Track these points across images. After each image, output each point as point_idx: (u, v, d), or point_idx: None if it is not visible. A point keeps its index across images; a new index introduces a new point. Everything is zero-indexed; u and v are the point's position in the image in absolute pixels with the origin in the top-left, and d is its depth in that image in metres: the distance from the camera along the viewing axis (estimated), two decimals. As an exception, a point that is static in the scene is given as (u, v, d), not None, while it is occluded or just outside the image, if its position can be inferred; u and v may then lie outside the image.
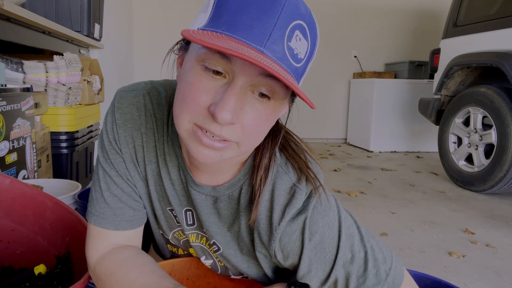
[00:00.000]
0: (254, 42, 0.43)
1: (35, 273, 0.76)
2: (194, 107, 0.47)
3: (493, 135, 2.40)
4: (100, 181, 0.64)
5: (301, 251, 0.57)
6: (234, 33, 0.44)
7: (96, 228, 0.64)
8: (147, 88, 0.65)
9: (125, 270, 0.59)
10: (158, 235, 0.76)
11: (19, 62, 1.59)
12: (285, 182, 0.58)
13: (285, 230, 0.56)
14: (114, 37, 3.22)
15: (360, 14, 4.54)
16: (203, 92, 0.47)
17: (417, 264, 1.45)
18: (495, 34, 2.46)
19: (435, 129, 3.28)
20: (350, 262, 0.57)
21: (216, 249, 0.68)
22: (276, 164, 0.59)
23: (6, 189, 0.80)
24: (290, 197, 0.57)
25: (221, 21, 0.44)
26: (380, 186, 2.61)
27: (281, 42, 0.44)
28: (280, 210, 0.57)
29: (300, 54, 0.47)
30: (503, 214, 2.10)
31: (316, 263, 0.57)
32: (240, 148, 0.51)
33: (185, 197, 0.65)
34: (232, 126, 0.48)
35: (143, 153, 0.64)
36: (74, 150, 1.81)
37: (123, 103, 0.63)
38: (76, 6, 2.06)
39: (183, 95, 0.49)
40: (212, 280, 0.84)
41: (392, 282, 0.58)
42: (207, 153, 0.50)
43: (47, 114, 1.67)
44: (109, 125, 0.63)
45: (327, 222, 0.57)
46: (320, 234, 0.56)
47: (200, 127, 0.48)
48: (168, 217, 0.69)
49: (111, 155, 0.64)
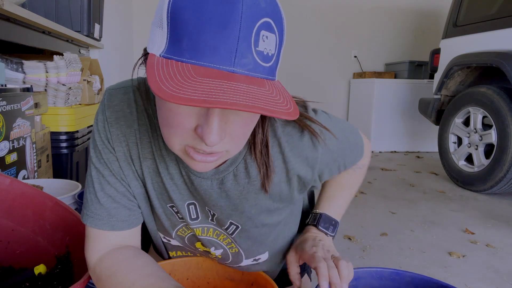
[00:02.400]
0: (223, 63, 0.42)
1: (35, 273, 0.76)
2: (181, 132, 0.48)
3: (493, 135, 2.40)
4: (93, 182, 0.64)
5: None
6: (200, 59, 0.42)
7: (93, 229, 0.64)
8: (136, 84, 0.64)
9: (125, 270, 0.59)
10: (158, 239, 0.76)
11: (19, 62, 1.59)
12: (291, 135, 0.62)
13: (321, 161, 0.65)
14: (114, 37, 3.22)
15: (360, 14, 4.53)
16: (185, 117, 0.47)
17: (417, 264, 1.45)
18: (495, 34, 2.46)
19: (435, 129, 3.28)
20: (349, 156, 0.73)
21: (234, 229, 0.68)
22: (273, 128, 0.62)
23: (6, 189, 0.80)
24: (307, 142, 0.63)
25: (183, 46, 0.42)
26: (380, 186, 2.61)
27: (249, 53, 0.42)
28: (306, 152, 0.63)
29: (270, 51, 0.45)
30: (503, 214, 2.10)
31: (333, 165, 0.69)
32: (231, 153, 0.53)
33: (186, 190, 0.65)
34: (222, 141, 0.48)
35: (138, 150, 0.63)
36: (74, 150, 1.81)
37: (113, 100, 0.63)
38: (76, 6, 2.06)
39: (167, 121, 0.49)
40: (212, 280, 0.84)
41: (361, 151, 0.77)
42: (202, 166, 0.52)
43: (47, 114, 1.67)
44: (101, 124, 0.63)
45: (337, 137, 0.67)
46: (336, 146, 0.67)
47: (191, 147, 0.50)
48: (170, 214, 0.69)
49: (104, 155, 0.63)
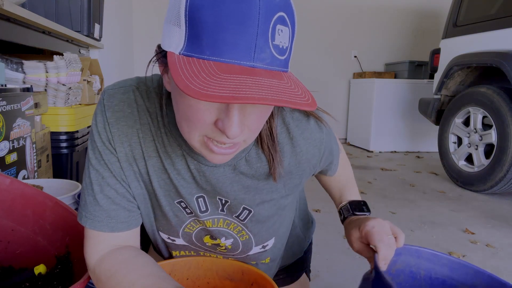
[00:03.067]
0: (243, 59, 0.43)
1: (35, 273, 0.76)
2: (201, 126, 0.50)
3: (493, 135, 2.40)
4: (92, 183, 0.63)
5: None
6: (220, 55, 0.43)
7: (92, 231, 0.63)
8: (134, 83, 0.64)
9: (125, 271, 0.59)
10: (157, 239, 0.76)
11: (19, 62, 1.59)
12: (296, 121, 0.66)
13: (326, 145, 0.70)
14: (114, 37, 3.22)
15: (360, 14, 4.54)
16: (205, 112, 0.48)
17: (417, 264, 1.45)
18: (495, 34, 2.46)
19: (435, 129, 3.28)
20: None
21: (246, 214, 0.69)
22: (282, 115, 0.65)
23: (6, 189, 0.80)
24: (313, 127, 0.67)
25: (203, 44, 0.43)
26: (380, 186, 2.61)
27: (267, 47, 0.44)
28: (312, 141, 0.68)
29: (285, 44, 0.47)
30: (503, 214, 2.10)
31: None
32: (247, 143, 0.55)
33: (194, 184, 0.66)
34: (242, 133, 0.50)
35: (141, 150, 0.63)
36: (74, 150, 1.81)
37: (113, 101, 0.63)
38: (76, 6, 2.06)
39: (187, 116, 0.50)
40: (212, 280, 0.84)
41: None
42: (220, 158, 0.54)
43: (47, 114, 1.67)
44: (100, 125, 0.62)
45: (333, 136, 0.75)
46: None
47: (210, 139, 0.51)
48: (177, 211, 0.69)
49: (105, 156, 0.63)
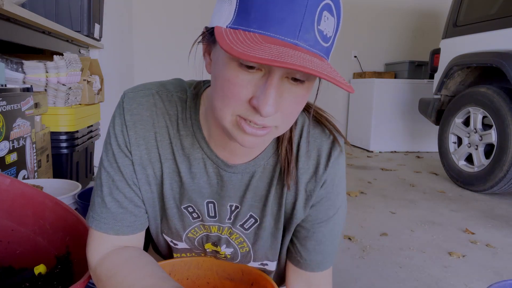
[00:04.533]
0: (288, 35, 0.44)
1: (35, 273, 0.76)
2: (235, 102, 0.49)
3: (493, 135, 2.40)
4: (102, 185, 0.64)
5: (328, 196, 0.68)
6: (267, 29, 0.44)
7: (97, 232, 0.64)
8: (155, 87, 0.65)
9: (126, 271, 0.59)
10: (161, 241, 0.76)
11: (19, 62, 1.59)
12: (318, 140, 0.65)
13: (327, 178, 0.66)
14: (114, 37, 3.22)
15: (360, 14, 4.53)
16: (242, 87, 0.48)
17: (417, 264, 1.45)
18: (495, 34, 2.46)
19: (435, 129, 3.28)
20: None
21: (252, 223, 0.69)
22: (306, 131, 0.65)
23: (6, 189, 0.80)
24: (327, 153, 0.65)
25: (251, 18, 0.45)
26: (380, 186, 2.61)
27: (312, 29, 0.45)
28: (321, 165, 0.65)
29: (329, 33, 0.48)
30: (503, 214, 2.10)
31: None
32: (279, 130, 0.54)
33: (209, 188, 0.66)
34: (275, 113, 0.50)
35: (158, 153, 0.64)
36: (74, 150, 1.81)
37: (132, 104, 0.63)
38: (76, 6, 2.06)
39: (223, 91, 0.50)
40: (212, 280, 0.84)
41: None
42: (252, 140, 0.52)
43: (47, 114, 1.67)
44: (118, 128, 0.63)
45: (343, 173, 0.70)
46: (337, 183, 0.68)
47: (243, 118, 0.50)
48: (183, 215, 0.69)
49: (119, 159, 0.63)
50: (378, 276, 1.35)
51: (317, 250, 0.70)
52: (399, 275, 1.36)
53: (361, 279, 1.32)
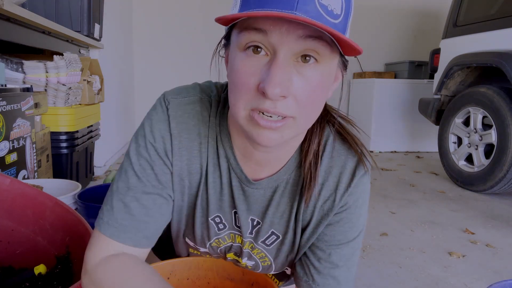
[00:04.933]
0: (285, 8, 0.43)
1: (35, 273, 0.76)
2: (245, 91, 0.49)
3: (493, 135, 2.40)
4: (129, 189, 0.59)
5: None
6: (263, 6, 0.44)
7: (108, 239, 0.58)
8: (198, 93, 0.63)
9: (122, 278, 0.56)
10: (181, 242, 0.75)
11: (19, 62, 1.59)
12: (342, 162, 0.63)
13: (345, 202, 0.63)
14: (114, 37, 3.21)
15: (360, 14, 4.53)
16: (249, 74, 0.48)
17: (417, 264, 1.45)
18: (495, 34, 2.46)
19: (435, 129, 3.28)
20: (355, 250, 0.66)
21: (273, 239, 0.68)
22: (330, 145, 0.63)
23: (6, 189, 0.80)
24: (349, 176, 0.62)
25: (251, 2, 0.46)
26: (380, 186, 2.61)
27: (311, 1, 0.44)
28: (341, 189, 0.62)
29: (336, 10, 0.46)
30: (503, 214, 2.10)
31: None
32: (297, 123, 0.51)
33: (233, 200, 0.65)
34: (285, 100, 0.48)
35: (200, 163, 0.62)
36: (74, 150, 1.81)
37: (177, 111, 0.60)
38: (76, 6, 2.06)
39: (234, 83, 0.51)
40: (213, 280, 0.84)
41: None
42: (268, 136, 0.50)
43: (47, 114, 1.67)
44: (159, 133, 0.60)
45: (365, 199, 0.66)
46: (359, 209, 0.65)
47: (256, 111, 0.49)
48: (210, 226, 0.68)
49: (157, 166, 0.60)
50: (378, 276, 1.35)
51: (331, 274, 0.65)
52: (399, 275, 1.36)
53: (361, 279, 1.32)
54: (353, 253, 0.66)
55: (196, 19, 4.26)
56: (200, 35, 4.25)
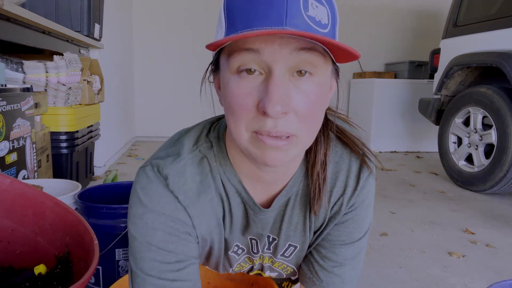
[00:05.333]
0: (275, 24, 0.43)
1: (35, 273, 0.76)
2: (244, 114, 0.48)
3: (493, 135, 2.40)
4: (151, 270, 0.57)
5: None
6: (252, 26, 0.44)
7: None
8: (185, 151, 0.60)
9: None
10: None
11: (19, 62, 1.59)
12: (347, 167, 0.63)
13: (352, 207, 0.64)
14: (114, 37, 3.22)
15: (360, 14, 4.53)
16: (246, 96, 0.47)
17: (417, 264, 1.45)
18: (495, 34, 2.46)
19: (435, 129, 3.28)
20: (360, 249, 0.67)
21: (292, 250, 0.68)
22: (334, 151, 0.63)
23: (6, 189, 0.80)
24: (354, 180, 0.63)
25: (237, 23, 0.45)
26: (380, 186, 2.61)
27: (299, 15, 0.44)
28: (347, 195, 0.63)
29: (323, 20, 0.46)
30: (503, 214, 2.10)
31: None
32: (301, 141, 0.50)
33: (248, 227, 0.64)
34: (286, 117, 0.47)
35: (216, 217, 0.62)
36: (74, 150, 1.81)
37: (179, 180, 0.58)
38: (76, 6, 2.06)
39: (231, 108, 0.49)
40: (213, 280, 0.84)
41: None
42: (274, 156, 0.49)
43: (47, 114, 1.67)
44: (168, 206, 0.57)
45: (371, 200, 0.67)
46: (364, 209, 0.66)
47: (259, 132, 0.48)
48: (230, 257, 0.69)
49: (180, 241, 0.58)
50: (378, 276, 1.35)
51: (336, 272, 0.66)
52: (399, 275, 1.36)
53: (361, 279, 1.32)
54: (358, 252, 0.67)
55: (196, 19, 4.26)
56: (200, 35, 4.26)
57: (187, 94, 4.30)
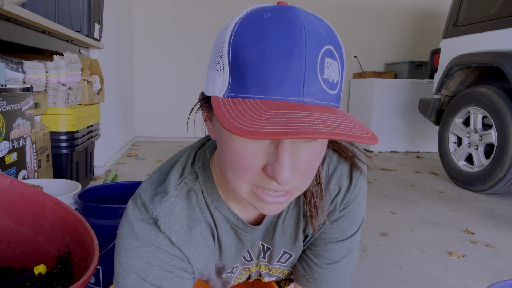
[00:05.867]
0: (292, 95, 0.40)
1: (35, 273, 0.76)
2: (249, 173, 0.46)
3: (493, 135, 2.40)
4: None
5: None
6: (267, 93, 0.40)
7: None
8: (170, 187, 0.58)
9: None
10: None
11: (19, 62, 1.59)
12: (339, 176, 0.63)
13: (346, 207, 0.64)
14: (114, 37, 3.22)
15: (360, 14, 4.54)
16: (253, 157, 0.45)
17: (417, 264, 1.45)
18: (495, 34, 2.46)
19: (435, 129, 3.28)
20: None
21: (287, 257, 0.68)
22: (327, 159, 0.63)
23: (6, 189, 0.80)
24: (347, 184, 0.63)
25: (248, 83, 0.41)
26: (380, 186, 2.61)
27: (316, 81, 0.41)
28: (339, 197, 0.63)
29: (335, 78, 0.44)
30: (503, 214, 2.10)
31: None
32: (300, 190, 0.50)
33: (242, 247, 0.64)
34: (294, 177, 0.47)
35: (208, 247, 0.61)
36: (74, 150, 1.81)
37: (169, 222, 0.56)
38: (76, 6, 2.06)
39: (233, 163, 0.46)
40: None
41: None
42: (274, 208, 0.49)
43: (47, 114, 1.67)
44: (165, 242, 0.56)
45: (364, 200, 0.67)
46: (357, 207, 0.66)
47: (260, 187, 0.47)
48: (225, 278, 0.69)
49: (168, 275, 0.56)
50: (378, 276, 1.35)
51: (329, 269, 0.66)
52: (399, 275, 1.36)
53: (361, 279, 1.32)
54: (352, 248, 0.67)
55: (197, 19, 4.26)
56: (200, 35, 4.26)
57: (187, 94, 4.30)
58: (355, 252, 0.68)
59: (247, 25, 0.43)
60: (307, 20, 0.42)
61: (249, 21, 0.43)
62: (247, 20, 0.43)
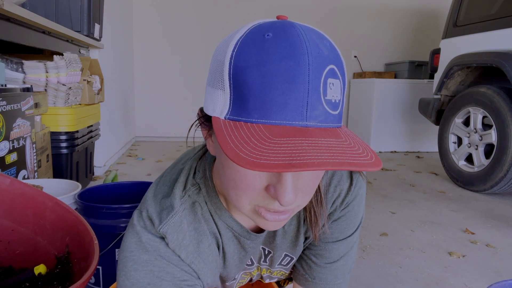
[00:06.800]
0: (295, 119, 0.40)
1: (35, 273, 0.76)
2: (251, 192, 0.46)
3: (493, 135, 2.40)
4: None
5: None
6: (270, 117, 0.40)
7: None
8: (175, 202, 0.57)
9: None
10: None
11: (19, 62, 1.59)
12: (337, 181, 0.63)
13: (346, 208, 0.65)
14: (114, 37, 3.22)
15: (360, 14, 4.54)
16: (255, 177, 0.45)
17: (417, 264, 1.45)
18: (495, 34, 2.46)
19: (435, 129, 3.29)
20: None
21: (288, 260, 0.69)
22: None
23: (6, 189, 0.80)
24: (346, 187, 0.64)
25: (250, 107, 0.40)
26: (380, 186, 2.61)
27: (319, 104, 0.41)
28: (338, 201, 0.64)
29: (337, 97, 0.43)
30: (503, 214, 2.10)
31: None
32: (301, 207, 0.51)
33: (245, 255, 0.64)
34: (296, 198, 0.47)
35: (214, 258, 0.61)
36: (74, 150, 1.81)
37: (177, 239, 0.54)
38: (76, 6, 2.06)
39: (235, 183, 0.46)
40: (212, 280, 0.84)
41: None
42: (274, 225, 0.50)
43: (47, 114, 1.67)
44: (174, 261, 0.54)
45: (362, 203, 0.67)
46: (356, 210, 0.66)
47: (262, 207, 0.47)
48: (230, 285, 0.70)
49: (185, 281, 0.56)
50: (378, 276, 1.35)
51: (329, 268, 0.66)
52: (399, 275, 1.36)
53: (361, 279, 1.32)
54: (351, 247, 0.67)
55: (197, 19, 4.26)
56: (200, 35, 4.26)
57: (187, 94, 4.30)
58: (354, 251, 0.68)
59: (247, 45, 0.42)
60: (309, 40, 0.41)
61: (249, 42, 0.42)
62: (248, 40, 0.42)
